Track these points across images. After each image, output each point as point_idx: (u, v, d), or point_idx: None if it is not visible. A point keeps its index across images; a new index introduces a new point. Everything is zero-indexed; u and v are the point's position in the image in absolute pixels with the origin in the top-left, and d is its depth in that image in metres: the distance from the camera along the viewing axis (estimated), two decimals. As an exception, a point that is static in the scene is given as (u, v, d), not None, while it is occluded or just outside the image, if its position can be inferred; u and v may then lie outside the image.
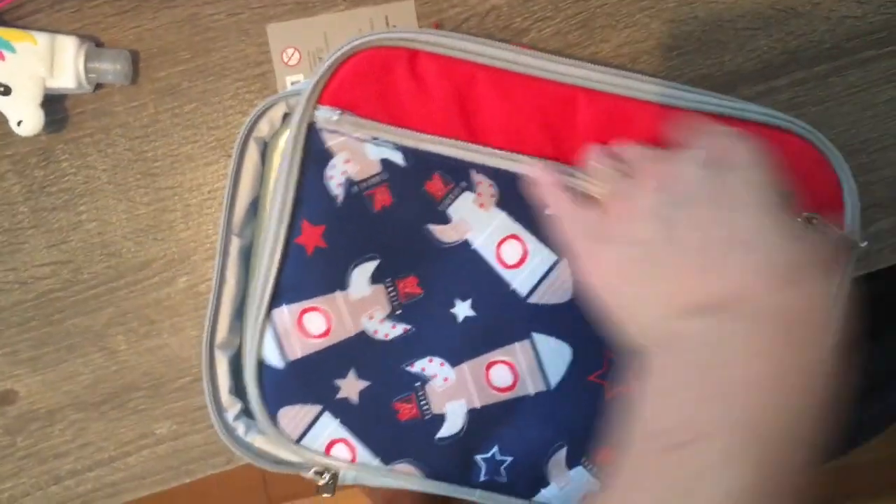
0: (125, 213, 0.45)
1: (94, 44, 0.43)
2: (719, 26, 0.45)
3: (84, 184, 0.45)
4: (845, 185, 0.41)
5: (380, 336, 0.41)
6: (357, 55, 0.38)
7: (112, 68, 0.42)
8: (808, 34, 0.45)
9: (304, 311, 0.40)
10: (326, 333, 0.40)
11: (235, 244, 0.41)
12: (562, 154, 0.40)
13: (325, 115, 0.38)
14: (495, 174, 0.40)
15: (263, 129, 0.40)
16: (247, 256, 0.42)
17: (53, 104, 0.44)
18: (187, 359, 0.46)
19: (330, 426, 0.41)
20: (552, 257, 0.40)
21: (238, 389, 0.42)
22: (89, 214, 0.45)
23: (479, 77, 0.39)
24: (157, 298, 0.46)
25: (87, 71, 0.42)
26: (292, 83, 0.44)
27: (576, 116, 0.40)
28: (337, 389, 0.41)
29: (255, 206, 0.42)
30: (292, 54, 0.44)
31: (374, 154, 0.39)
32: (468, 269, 0.40)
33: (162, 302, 0.46)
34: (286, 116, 0.41)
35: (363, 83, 0.38)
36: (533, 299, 0.40)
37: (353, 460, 0.42)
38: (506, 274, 0.40)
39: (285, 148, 0.39)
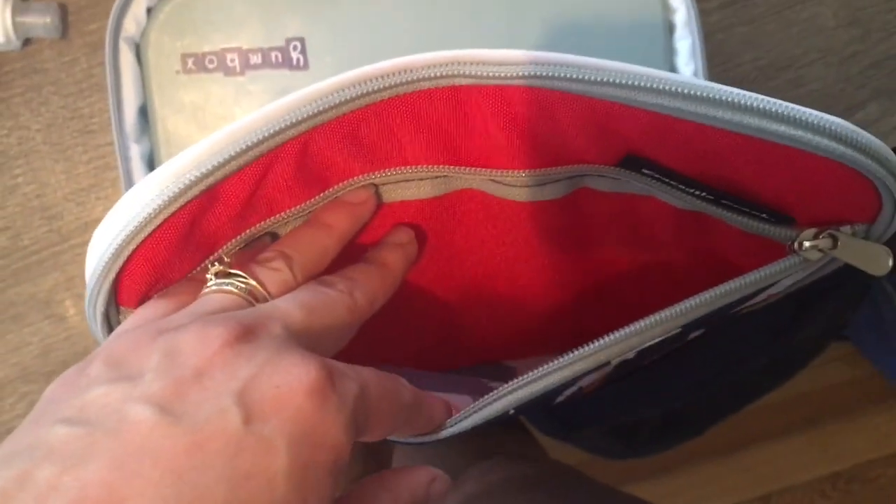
0: (64, 173, 0.44)
1: (20, -1, 0.42)
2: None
3: (18, 145, 0.43)
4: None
5: None
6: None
7: (41, 21, 0.41)
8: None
9: None
10: None
11: (136, 151, 0.39)
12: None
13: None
14: None
15: (130, 27, 0.39)
16: (151, 164, 0.40)
17: (-20, 64, 0.42)
18: (140, 320, 0.45)
19: None
20: None
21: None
22: (26, 177, 0.44)
23: None
24: (104, 258, 0.44)
25: (14, 25, 0.41)
26: None
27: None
28: None
29: (145, 113, 0.40)
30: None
31: None
32: None
33: (109, 262, 0.44)
34: (150, 11, 0.40)
35: None
36: None
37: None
38: None
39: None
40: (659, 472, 0.89)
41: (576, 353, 0.27)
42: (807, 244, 0.27)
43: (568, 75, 0.24)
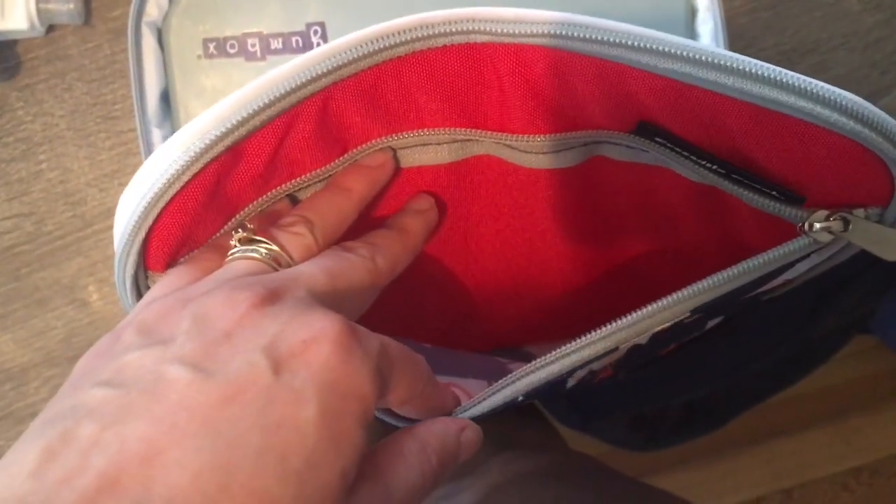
0: (87, 159, 0.44)
1: (44, -14, 0.43)
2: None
3: (42, 132, 0.44)
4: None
5: None
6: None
7: (65, 8, 0.42)
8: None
9: None
10: None
11: (158, 135, 0.40)
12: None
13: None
14: None
15: (153, 12, 0.39)
16: None
17: (4, 51, 0.43)
18: (162, 306, 0.45)
19: None
20: None
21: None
22: (49, 163, 0.44)
23: None
24: (127, 244, 0.45)
25: (38, 11, 0.41)
26: None
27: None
28: None
29: (166, 98, 0.40)
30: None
31: None
32: None
33: (132, 247, 0.45)
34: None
35: None
36: None
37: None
38: None
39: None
40: (679, 463, 0.88)
41: (584, 338, 0.27)
42: (818, 226, 0.26)
43: (584, 35, 0.24)
